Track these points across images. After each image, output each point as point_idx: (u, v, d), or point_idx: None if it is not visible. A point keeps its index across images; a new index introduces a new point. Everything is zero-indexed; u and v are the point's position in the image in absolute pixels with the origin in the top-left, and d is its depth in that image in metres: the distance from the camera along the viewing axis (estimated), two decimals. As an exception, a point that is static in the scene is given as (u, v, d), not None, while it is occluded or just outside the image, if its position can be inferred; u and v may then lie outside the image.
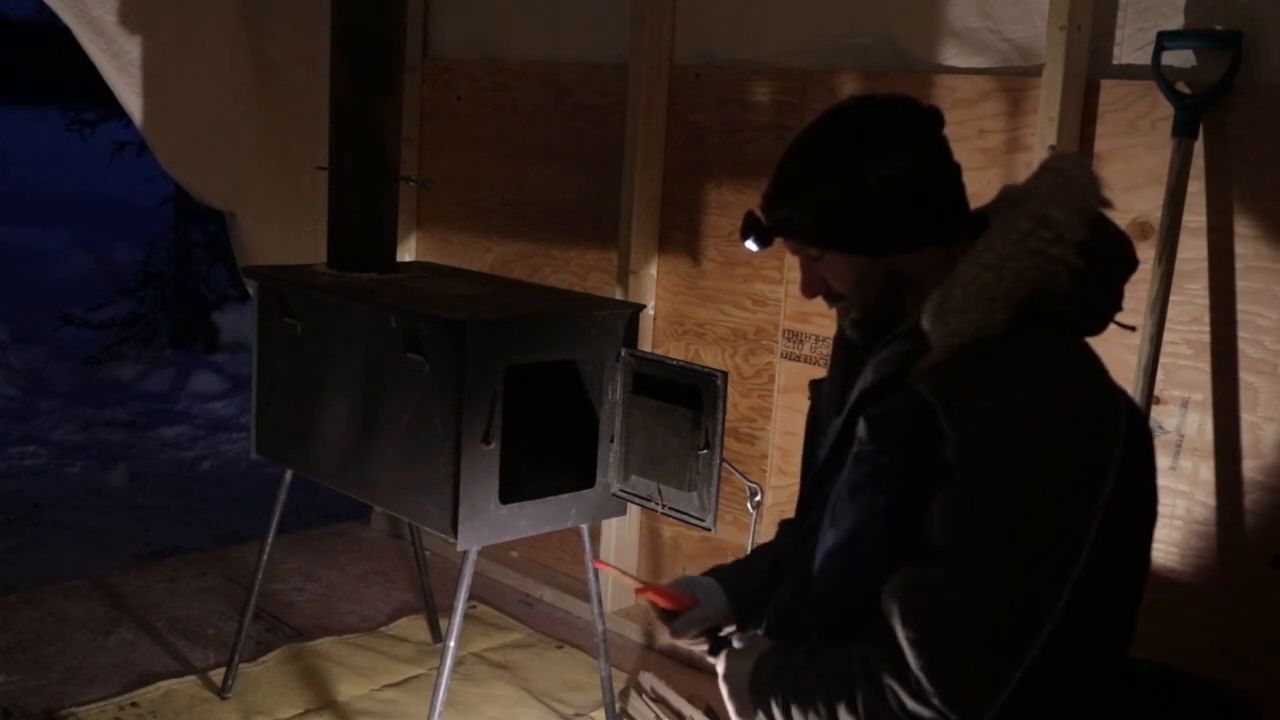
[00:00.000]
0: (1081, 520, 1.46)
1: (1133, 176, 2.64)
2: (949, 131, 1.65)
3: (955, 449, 1.47)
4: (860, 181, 1.60)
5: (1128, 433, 1.52)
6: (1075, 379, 1.54)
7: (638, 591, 1.92)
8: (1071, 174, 1.63)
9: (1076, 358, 1.58)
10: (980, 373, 1.52)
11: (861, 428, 1.60)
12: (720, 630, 1.89)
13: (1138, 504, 1.59)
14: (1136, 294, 2.56)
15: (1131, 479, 1.53)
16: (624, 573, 2.06)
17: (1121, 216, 2.63)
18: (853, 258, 1.65)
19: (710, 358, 3.45)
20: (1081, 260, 1.55)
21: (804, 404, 1.94)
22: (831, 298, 1.73)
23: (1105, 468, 1.48)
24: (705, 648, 1.86)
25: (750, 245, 1.70)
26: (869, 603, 1.53)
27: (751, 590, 1.91)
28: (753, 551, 2.04)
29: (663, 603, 1.88)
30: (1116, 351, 2.61)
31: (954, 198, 1.66)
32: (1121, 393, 1.59)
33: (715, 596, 1.91)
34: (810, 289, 1.73)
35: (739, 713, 1.72)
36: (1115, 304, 1.65)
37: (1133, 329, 1.73)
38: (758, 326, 3.36)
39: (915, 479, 1.51)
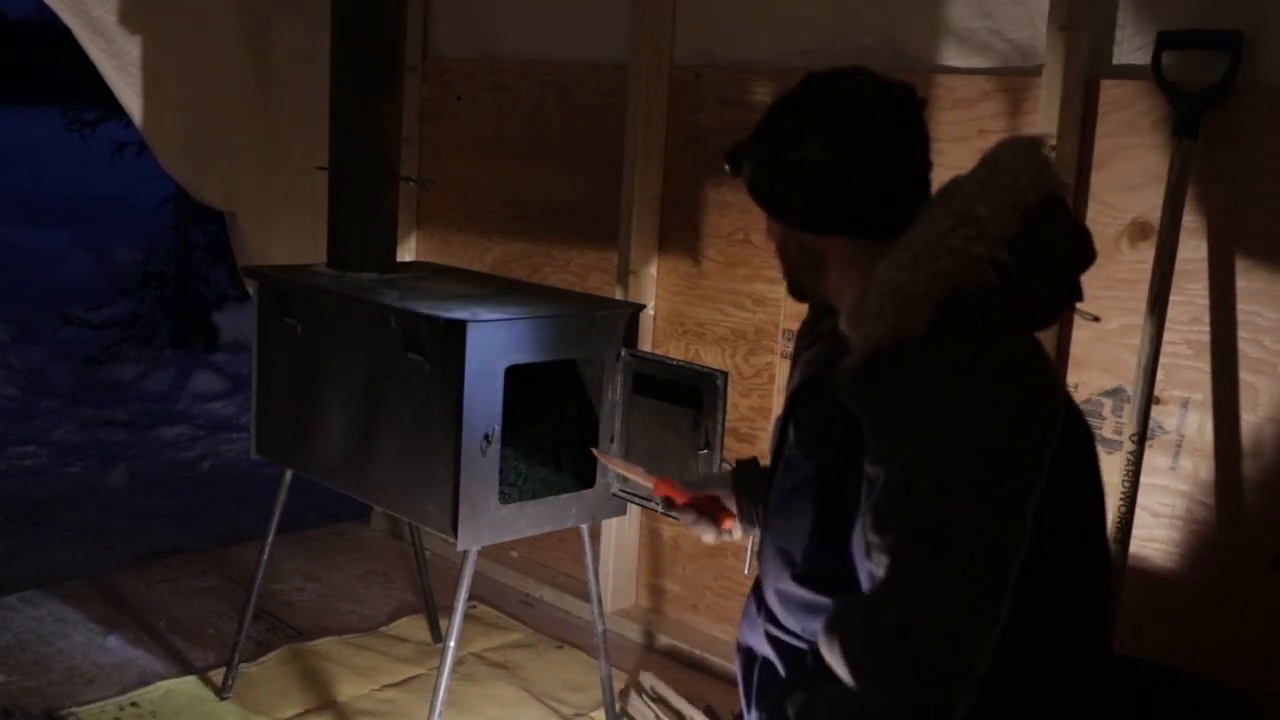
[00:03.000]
0: (1008, 528, 1.43)
1: (1133, 176, 2.64)
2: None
3: (874, 461, 1.47)
4: (775, 157, 1.61)
5: (1063, 429, 1.49)
6: (996, 381, 1.49)
7: (656, 486, 2.09)
8: (1007, 164, 1.58)
9: (1000, 358, 1.51)
10: (897, 380, 1.49)
11: (791, 432, 1.64)
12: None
13: (1078, 503, 1.56)
14: (1136, 294, 2.56)
15: (1068, 477, 1.51)
16: (628, 468, 2.17)
17: (1121, 216, 2.65)
18: (770, 220, 1.69)
19: (710, 358, 3.45)
20: (1013, 255, 1.51)
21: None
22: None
23: (1030, 471, 1.45)
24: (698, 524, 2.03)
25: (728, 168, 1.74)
26: (806, 587, 1.61)
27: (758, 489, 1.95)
28: None
29: (673, 495, 2.07)
30: (1116, 351, 2.62)
31: (873, 194, 1.60)
32: (1053, 388, 1.55)
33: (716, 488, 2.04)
34: (768, 233, 1.75)
35: None
36: (1068, 297, 1.61)
37: (1096, 319, 1.70)
38: (758, 326, 3.36)
39: (844, 484, 1.52)
